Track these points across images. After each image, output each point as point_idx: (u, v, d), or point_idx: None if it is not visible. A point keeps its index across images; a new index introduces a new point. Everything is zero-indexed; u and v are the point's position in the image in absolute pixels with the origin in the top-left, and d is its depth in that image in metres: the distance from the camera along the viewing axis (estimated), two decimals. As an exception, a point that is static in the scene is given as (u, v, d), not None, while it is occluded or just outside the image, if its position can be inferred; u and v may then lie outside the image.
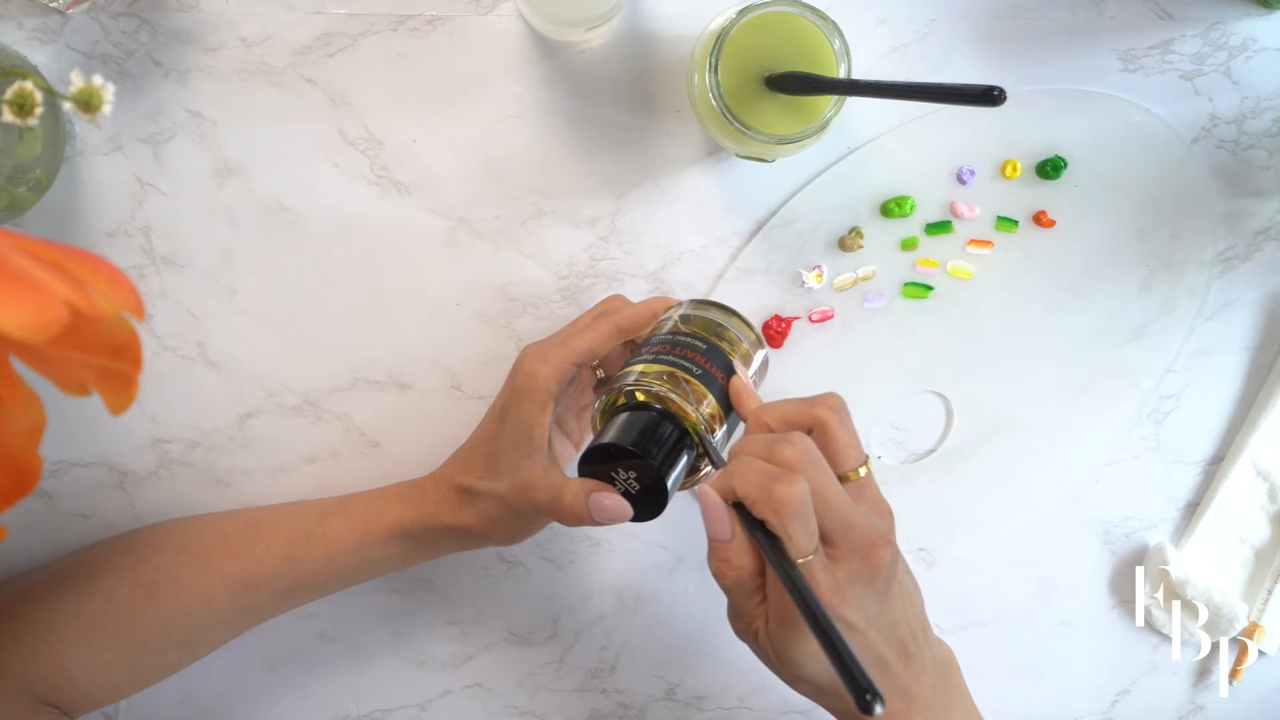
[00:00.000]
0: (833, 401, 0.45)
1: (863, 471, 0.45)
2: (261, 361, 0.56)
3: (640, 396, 0.46)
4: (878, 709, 0.32)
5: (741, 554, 0.42)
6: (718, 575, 0.43)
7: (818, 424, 0.44)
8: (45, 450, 0.34)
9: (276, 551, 0.52)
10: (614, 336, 0.50)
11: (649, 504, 0.46)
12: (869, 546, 0.42)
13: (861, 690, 0.32)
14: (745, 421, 0.47)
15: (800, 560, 0.40)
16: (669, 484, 0.45)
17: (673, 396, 0.46)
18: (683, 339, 0.49)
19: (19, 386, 0.34)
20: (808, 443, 0.43)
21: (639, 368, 0.48)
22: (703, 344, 0.48)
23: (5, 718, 0.48)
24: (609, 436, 0.45)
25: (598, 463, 0.46)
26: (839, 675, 0.33)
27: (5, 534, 0.34)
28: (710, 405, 0.47)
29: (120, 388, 0.34)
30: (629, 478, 0.45)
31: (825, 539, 0.41)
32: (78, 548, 0.55)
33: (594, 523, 0.46)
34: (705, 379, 0.47)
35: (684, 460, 0.46)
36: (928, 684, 0.45)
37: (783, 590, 0.41)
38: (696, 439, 0.47)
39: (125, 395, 0.34)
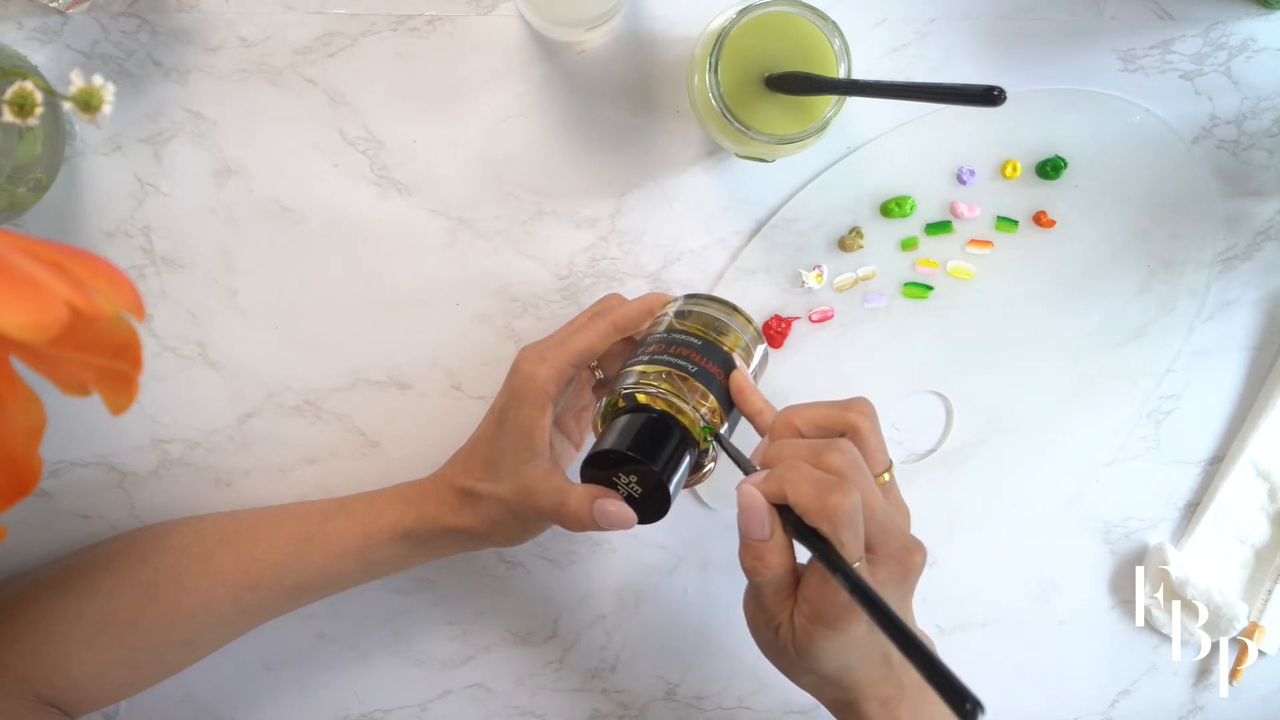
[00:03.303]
0: (864, 407, 0.46)
1: (887, 476, 0.46)
2: (261, 361, 0.56)
3: (641, 399, 0.46)
4: (980, 716, 0.31)
5: (778, 553, 0.42)
6: (751, 572, 0.43)
7: (851, 429, 0.45)
8: (45, 450, 0.34)
9: (277, 553, 0.52)
10: (611, 335, 0.50)
11: (652, 507, 0.46)
12: (905, 552, 0.43)
13: (962, 699, 0.32)
14: (753, 421, 0.47)
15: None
16: (671, 488, 0.45)
17: (671, 398, 0.46)
18: (678, 336, 0.49)
19: (19, 386, 0.34)
20: (855, 450, 0.43)
21: (637, 369, 0.48)
22: (698, 340, 0.48)
23: (6, 717, 0.48)
24: (609, 442, 0.45)
25: (599, 467, 0.46)
26: (933, 685, 0.33)
27: (5, 534, 0.34)
28: (710, 403, 0.47)
29: (120, 388, 0.34)
30: (631, 482, 0.45)
31: (865, 544, 0.42)
32: (78, 548, 0.55)
33: (599, 529, 0.46)
34: (702, 376, 0.47)
35: (686, 461, 0.46)
36: (914, 673, 0.45)
37: (822, 589, 0.41)
38: (710, 443, 0.47)
39: (125, 395, 0.34)
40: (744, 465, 0.45)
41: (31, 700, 0.49)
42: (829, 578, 0.41)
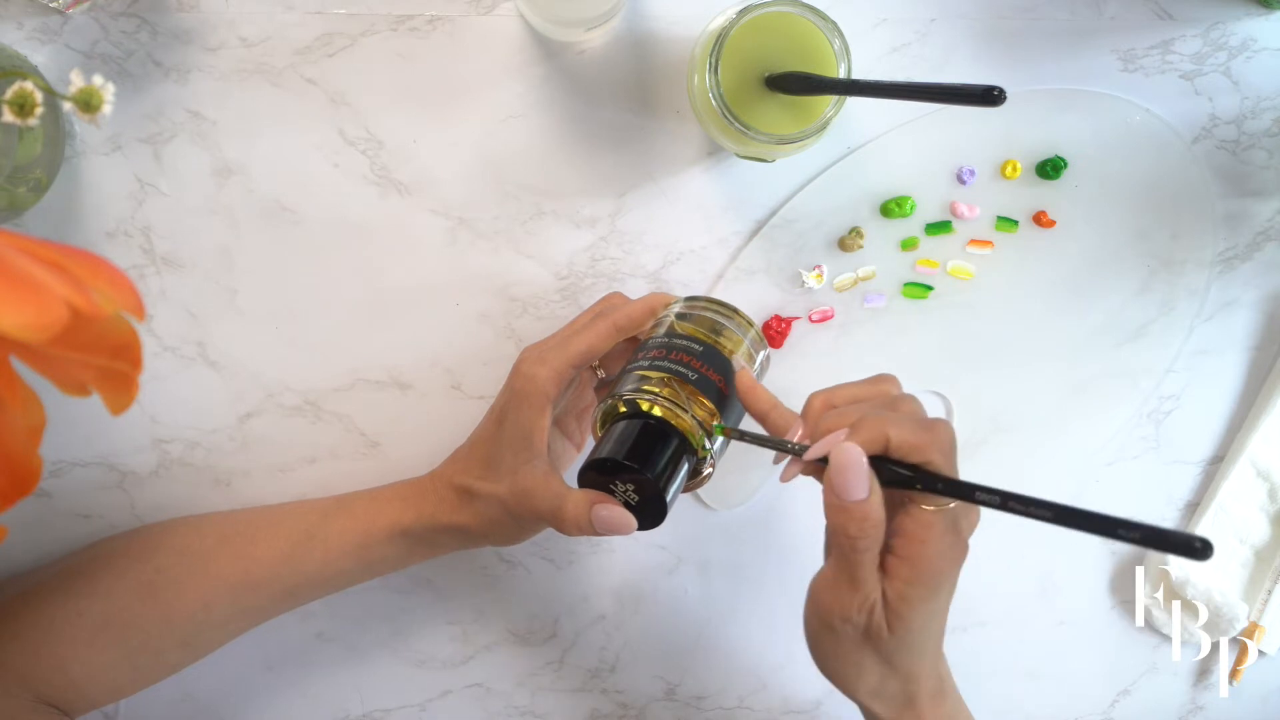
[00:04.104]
0: (894, 379, 0.46)
1: None
2: (261, 361, 0.56)
3: (643, 405, 0.46)
4: (1211, 553, 0.32)
5: (879, 508, 0.40)
6: (857, 537, 0.40)
7: (887, 399, 0.44)
8: (45, 450, 0.34)
9: (277, 552, 0.52)
10: (613, 336, 0.50)
11: (649, 514, 0.46)
12: (966, 507, 0.43)
13: (1190, 542, 0.32)
14: (763, 418, 0.46)
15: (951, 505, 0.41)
16: (668, 497, 0.45)
17: (671, 405, 0.46)
18: (679, 342, 0.49)
19: (19, 386, 0.34)
20: (919, 401, 0.43)
21: (637, 373, 0.48)
22: (699, 346, 0.48)
23: (5, 717, 0.48)
24: (606, 450, 0.45)
25: (598, 473, 0.46)
26: (1155, 546, 0.33)
27: (5, 534, 0.34)
28: (710, 409, 0.47)
29: (120, 388, 0.34)
30: (628, 490, 0.45)
31: None
32: (78, 548, 0.55)
33: (596, 533, 0.46)
34: (702, 383, 0.47)
35: (684, 469, 0.46)
36: (945, 668, 0.46)
37: (923, 541, 0.40)
38: (709, 450, 0.46)
39: (125, 395, 0.34)
40: (782, 446, 0.44)
41: (31, 700, 0.49)
42: (931, 524, 0.40)
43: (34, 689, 0.49)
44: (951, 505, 0.41)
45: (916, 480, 0.40)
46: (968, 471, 0.62)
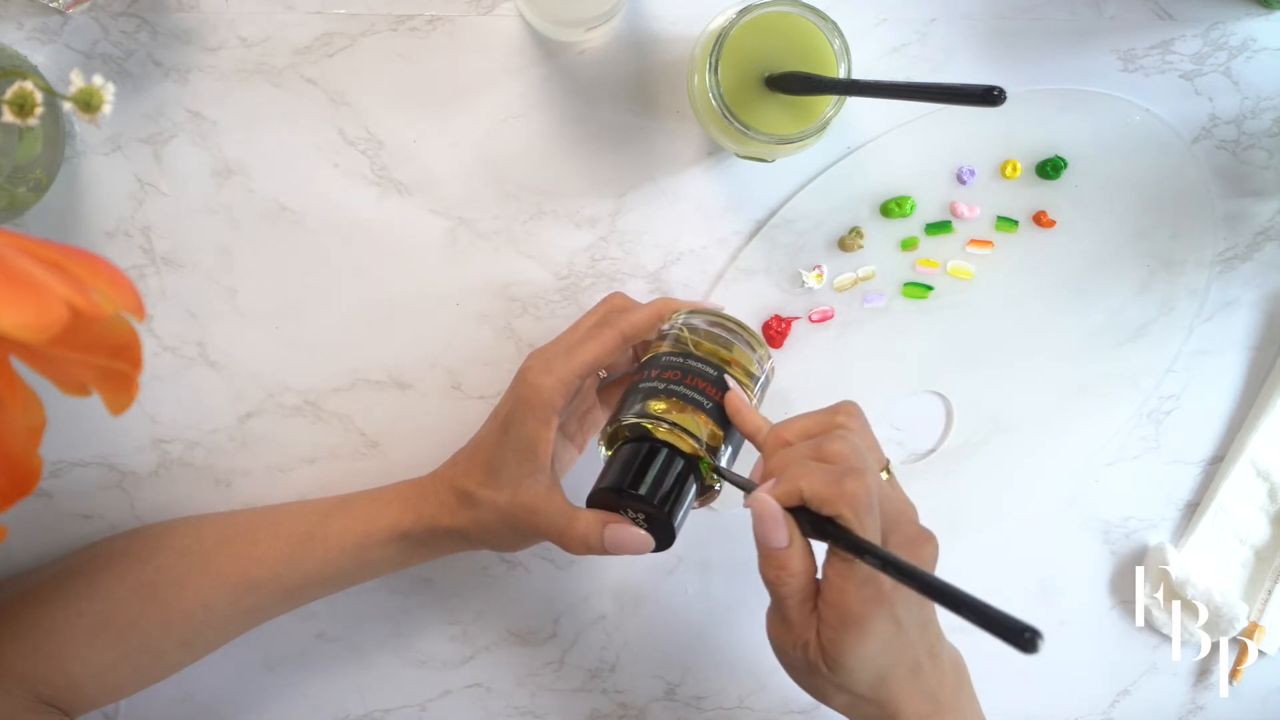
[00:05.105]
0: (849, 408, 0.45)
1: (885, 475, 0.46)
2: (261, 361, 0.56)
3: (652, 429, 0.46)
4: (1040, 644, 0.32)
5: (799, 558, 0.42)
6: (776, 584, 0.42)
7: (839, 430, 0.44)
8: (45, 450, 0.34)
9: (277, 552, 0.52)
10: (619, 346, 0.50)
11: (658, 538, 0.46)
12: (918, 541, 0.42)
13: (1019, 632, 0.32)
14: (752, 440, 0.47)
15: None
16: (675, 524, 0.45)
17: (682, 434, 0.46)
18: (694, 365, 0.48)
19: (19, 386, 0.34)
20: (853, 436, 0.43)
21: (646, 394, 0.47)
22: (713, 370, 0.48)
23: (5, 717, 0.48)
24: (615, 478, 0.46)
25: (606, 497, 0.46)
26: (987, 629, 0.33)
27: (5, 534, 0.34)
28: (721, 438, 0.47)
29: (120, 388, 0.34)
30: (638, 518, 0.46)
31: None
32: (78, 548, 0.55)
33: (605, 553, 0.46)
34: (715, 412, 0.47)
35: (691, 493, 0.46)
36: (949, 687, 0.45)
37: (843, 588, 0.41)
38: (714, 477, 0.47)
39: (125, 395, 0.34)
40: (749, 488, 0.45)
41: (31, 700, 0.49)
42: (848, 574, 0.41)
43: (34, 689, 0.49)
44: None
45: (827, 533, 0.41)
46: (969, 472, 0.62)
